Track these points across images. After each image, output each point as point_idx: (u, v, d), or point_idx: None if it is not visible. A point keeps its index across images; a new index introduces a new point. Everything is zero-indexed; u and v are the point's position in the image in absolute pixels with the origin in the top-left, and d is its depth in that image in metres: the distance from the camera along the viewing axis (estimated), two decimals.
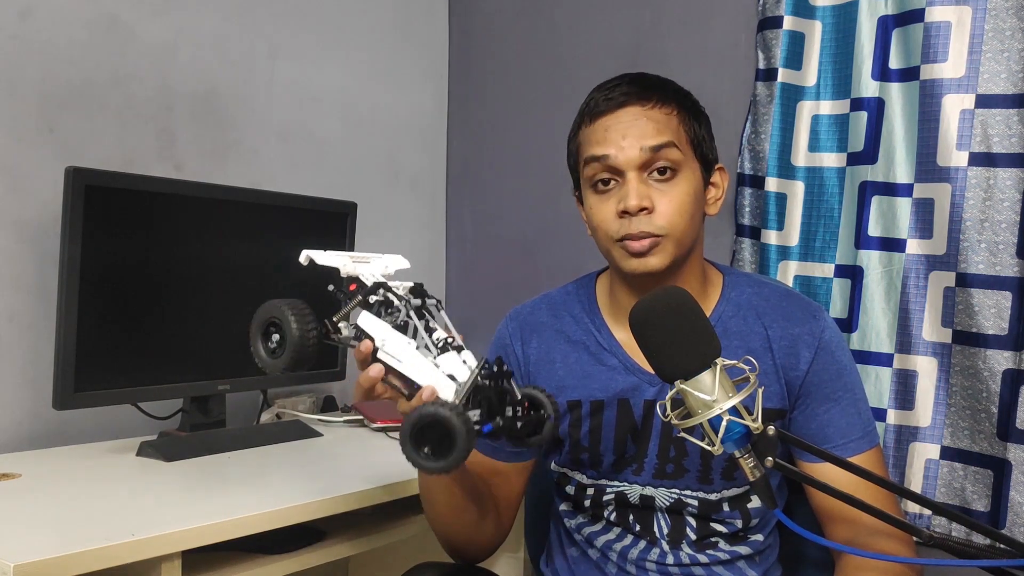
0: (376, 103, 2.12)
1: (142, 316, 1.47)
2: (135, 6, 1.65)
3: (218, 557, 1.16)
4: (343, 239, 1.76)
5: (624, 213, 1.06)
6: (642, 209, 1.05)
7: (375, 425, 1.73)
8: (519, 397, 0.93)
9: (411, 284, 0.96)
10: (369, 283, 0.94)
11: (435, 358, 0.90)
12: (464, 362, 0.91)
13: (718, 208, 1.15)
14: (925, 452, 1.52)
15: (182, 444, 1.47)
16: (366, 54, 2.09)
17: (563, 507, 1.23)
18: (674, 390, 0.81)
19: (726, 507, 1.12)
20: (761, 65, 1.72)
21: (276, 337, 0.91)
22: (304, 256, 0.96)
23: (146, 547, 1.02)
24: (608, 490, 1.16)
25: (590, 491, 1.17)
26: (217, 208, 1.56)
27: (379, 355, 0.91)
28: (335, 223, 1.75)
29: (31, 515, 1.12)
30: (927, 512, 1.52)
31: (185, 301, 1.52)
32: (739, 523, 1.13)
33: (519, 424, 0.91)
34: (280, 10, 1.90)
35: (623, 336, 1.15)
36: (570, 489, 1.19)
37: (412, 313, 0.93)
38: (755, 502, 1.13)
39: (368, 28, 2.10)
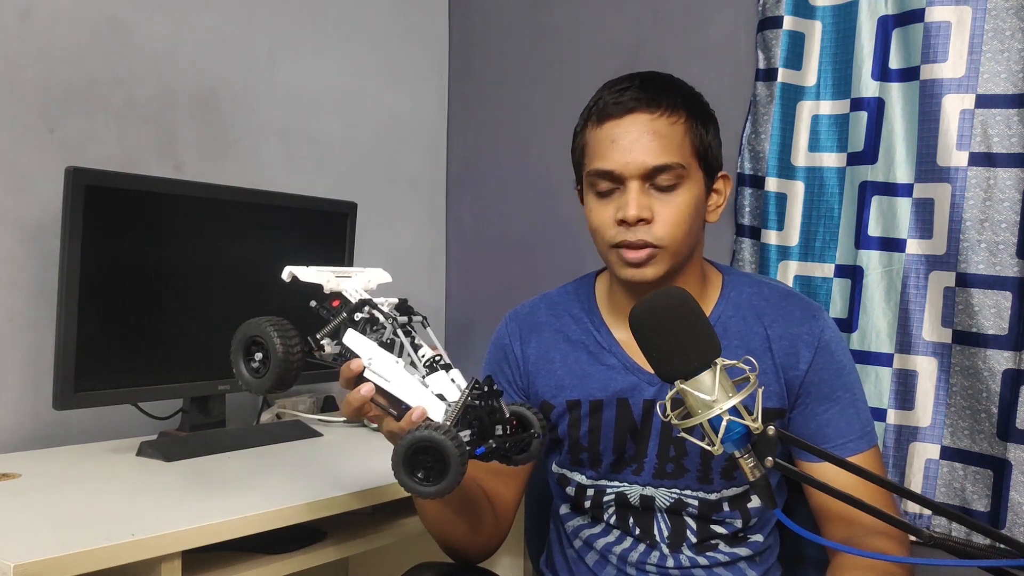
0: (376, 103, 2.12)
1: (142, 316, 1.47)
2: (135, 6, 1.65)
3: (218, 557, 1.16)
4: (343, 239, 1.75)
5: (622, 222, 1.06)
6: (640, 220, 1.05)
7: (375, 425, 1.72)
8: (507, 415, 0.92)
9: (395, 300, 0.96)
10: (354, 300, 0.94)
11: (423, 377, 0.90)
12: (452, 381, 0.90)
13: (719, 215, 1.14)
14: (925, 452, 1.52)
15: (182, 444, 1.47)
16: (366, 54, 2.09)
17: (563, 509, 1.23)
18: (674, 390, 0.81)
19: (726, 507, 1.12)
20: (761, 65, 1.72)
21: (259, 356, 0.90)
22: (287, 272, 0.95)
23: (146, 547, 1.02)
24: (608, 491, 1.15)
25: (590, 492, 1.17)
26: (217, 208, 1.56)
27: (366, 374, 0.90)
28: (335, 223, 1.75)
29: (31, 515, 1.12)
30: (927, 512, 1.52)
31: (185, 301, 1.52)
32: (739, 523, 1.13)
33: (507, 443, 0.91)
34: (280, 10, 1.90)
35: (622, 336, 1.15)
36: (570, 490, 1.19)
37: (399, 331, 0.92)
38: (755, 501, 1.13)
39: (368, 28, 2.10)
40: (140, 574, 1.04)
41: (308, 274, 0.95)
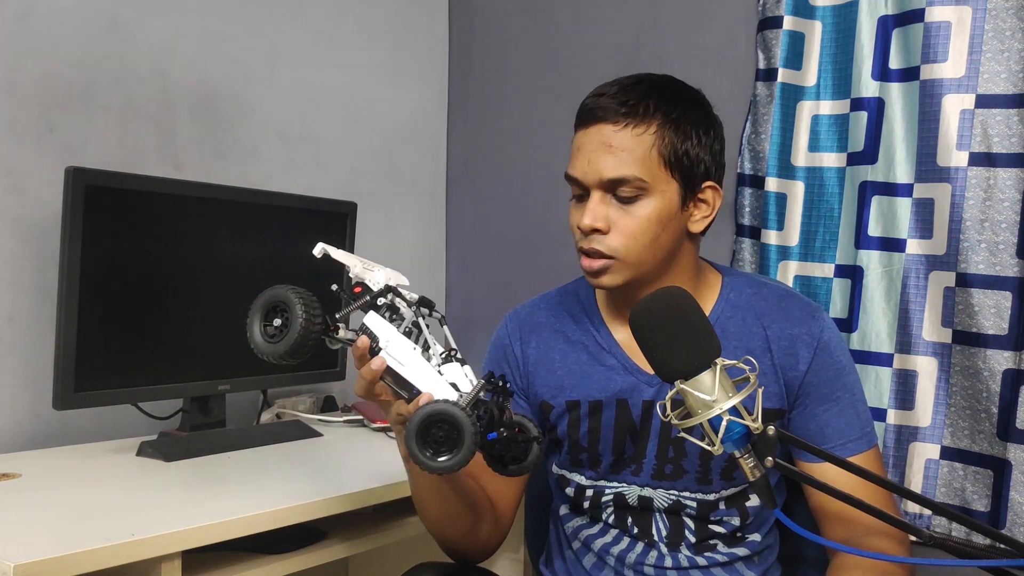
0: (376, 103, 2.12)
1: (142, 316, 1.47)
2: (135, 6, 1.65)
3: (218, 557, 1.16)
4: (343, 239, 1.76)
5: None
6: (594, 230, 1.05)
7: (375, 425, 1.73)
8: (512, 419, 0.93)
9: (416, 296, 0.97)
10: (375, 287, 0.94)
11: (438, 366, 0.90)
12: (466, 375, 0.91)
13: (703, 226, 1.11)
14: (925, 452, 1.52)
15: (182, 444, 1.47)
16: (366, 54, 2.09)
17: (563, 510, 1.23)
18: (674, 390, 0.81)
19: (723, 505, 1.12)
20: (761, 65, 1.72)
21: (278, 322, 0.90)
22: (319, 248, 0.96)
23: (146, 547, 1.02)
24: (607, 491, 1.15)
25: (589, 492, 1.17)
26: (217, 208, 1.56)
27: (382, 355, 0.91)
28: (335, 223, 1.75)
29: (31, 515, 1.12)
30: (927, 512, 1.52)
31: (185, 301, 1.52)
32: (736, 521, 1.13)
33: (509, 442, 0.92)
34: (280, 10, 1.90)
35: (622, 336, 1.15)
36: (570, 491, 1.19)
37: (419, 320, 0.93)
38: (753, 500, 1.13)
39: (368, 28, 2.09)
40: (140, 574, 1.04)
41: (339, 254, 0.96)
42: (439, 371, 0.90)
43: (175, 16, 1.71)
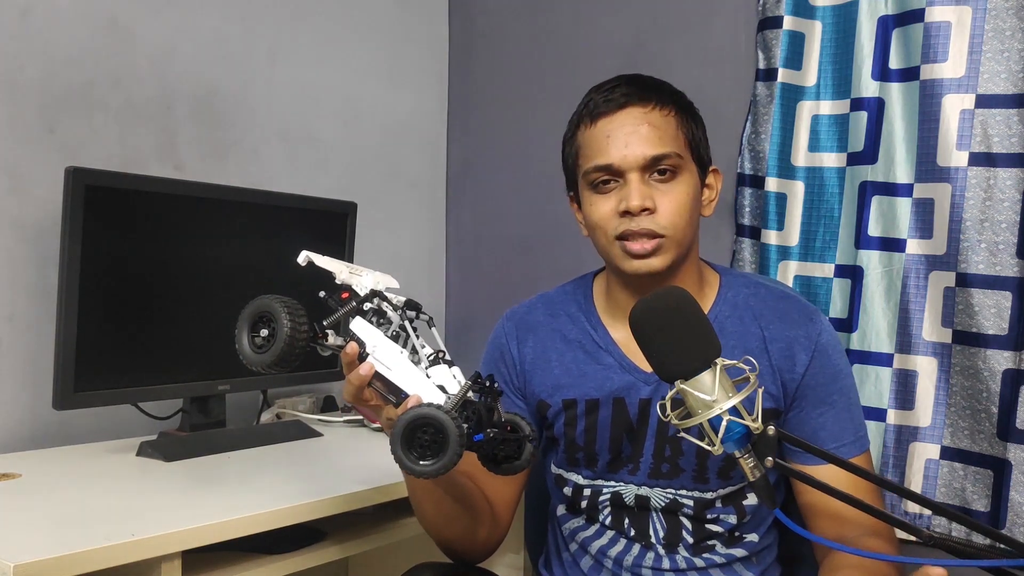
0: (376, 103, 2.12)
1: (142, 316, 1.47)
2: (135, 6, 1.65)
3: (218, 557, 1.16)
4: (343, 239, 1.75)
5: (626, 213, 1.06)
6: (644, 209, 1.06)
7: (375, 425, 1.73)
8: (503, 419, 0.93)
9: (403, 299, 0.97)
10: (362, 292, 0.95)
11: (426, 369, 0.90)
12: (454, 376, 0.91)
13: (712, 209, 1.15)
14: (925, 452, 1.52)
15: (182, 444, 1.47)
16: (366, 54, 2.09)
17: (560, 510, 1.22)
18: (674, 390, 0.81)
19: (720, 504, 1.12)
20: (761, 65, 1.72)
21: (265, 332, 0.91)
22: (303, 256, 0.96)
23: (146, 547, 1.02)
24: (604, 490, 1.15)
25: (587, 492, 1.17)
26: (217, 208, 1.56)
27: (369, 360, 0.91)
28: (335, 223, 1.75)
29: (31, 515, 1.12)
30: (927, 512, 1.52)
31: (185, 301, 1.52)
32: (733, 519, 1.13)
33: (501, 440, 0.91)
34: (280, 10, 1.90)
35: (620, 335, 1.15)
36: (567, 490, 1.19)
37: (406, 323, 0.93)
38: (751, 499, 1.13)
39: (368, 28, 2.10)
40: (140, 574, 1.04)
41: (324, 261, 0.97)
42: (427, 374, 0.90)
43: (175, 16, 1.71)
